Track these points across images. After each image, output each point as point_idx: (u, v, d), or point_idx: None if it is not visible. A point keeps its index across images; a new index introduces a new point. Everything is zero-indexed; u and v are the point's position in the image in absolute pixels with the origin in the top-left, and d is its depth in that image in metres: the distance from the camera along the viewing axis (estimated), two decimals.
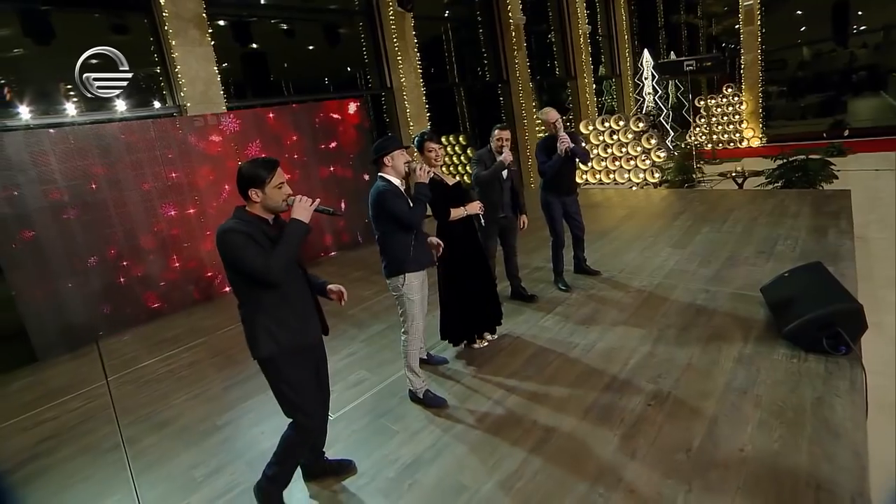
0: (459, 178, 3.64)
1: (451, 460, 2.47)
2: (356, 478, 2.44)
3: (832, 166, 7.40)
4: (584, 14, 13.34)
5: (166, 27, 5.85)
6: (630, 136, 10.41)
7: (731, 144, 14.09)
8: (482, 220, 3.47)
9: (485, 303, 3.52)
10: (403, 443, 2.66)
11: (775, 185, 7.53)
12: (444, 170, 3.46)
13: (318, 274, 2.36)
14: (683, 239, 5.46)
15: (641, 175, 10.20)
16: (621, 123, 10.62)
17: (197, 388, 3.67)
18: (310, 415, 2.15)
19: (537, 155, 4.37)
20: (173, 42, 5.87)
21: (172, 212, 5.54)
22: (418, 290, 2.88)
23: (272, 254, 1.91)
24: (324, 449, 2.46)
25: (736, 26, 14.12)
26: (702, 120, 14.34)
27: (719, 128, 14.34)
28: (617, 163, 10.62)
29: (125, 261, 5.21)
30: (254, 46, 7.86)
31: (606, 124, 10.77)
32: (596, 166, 10.90)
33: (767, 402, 2.55)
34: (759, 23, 13.43)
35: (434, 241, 3.10)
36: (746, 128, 13.88)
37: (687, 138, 13.36)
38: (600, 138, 10.81)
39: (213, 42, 6.20)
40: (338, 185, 7.03)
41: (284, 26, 8.33)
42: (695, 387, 2.77)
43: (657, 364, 3.05)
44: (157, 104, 6.27)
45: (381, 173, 2.83)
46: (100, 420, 3.42)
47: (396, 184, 2.81)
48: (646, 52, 14.11)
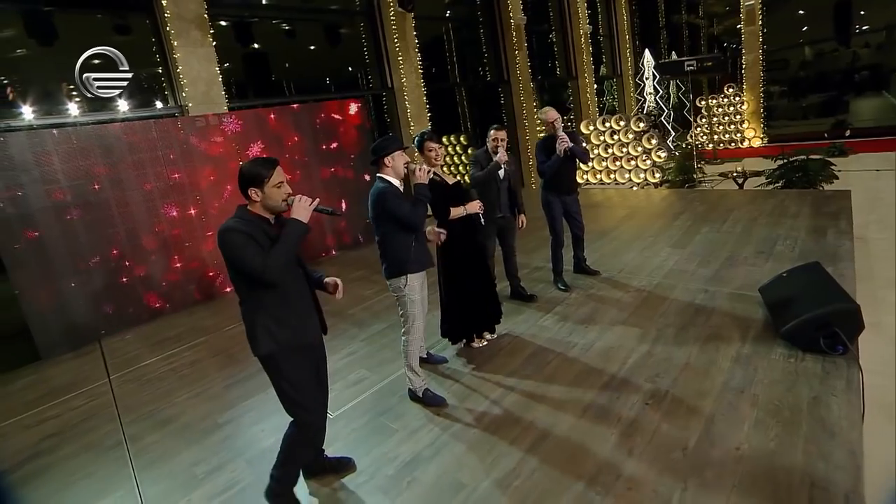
0: (460, 178, 3.65)
1: (449, 458, 2.49)
2: (355, 475, 2.46)
3: (833, 166, 7.40)
4: (586, 14, 13.34)
5: (168, 28, 5.88)
6: (631, 136, 10.41)
7: (733, 144, 14.08)
8: (482, 220, 3.49)
9: (484, 302, 3.54)
10: (402, 441, 2.68)
11: (775, 185, 7.53)
12: (444, 170, 3.48)
13: None
14: (683, 239, 5.47)
15: (642, 175, 10.20)
16: (622, 123, 10.62)
17: (198, 386, 3.70)
18: (310, 412, 2.18)
19: (537, 155, 4.39)
20: (175, 42, 5.90)
21: (174, 212, 5.57)
22: (419, 290, 2.89)
23: (270, 253, 1.93)
24: (323, 447, 2.47)
25: (737, 26, 14.10)
26: (703, 120, 14.32)
27: (720, 128, 14.32)
28: (618, 163, 10.63)
29: (127, 260, 5.25)
30: (255, 47, 7.89)
31: (607, 124, 10.78)
32: (597, 166, 10.91)
33: (764, 401, 2.57)
34: (761, 23, 13.41)
35: (435, 230, 3.09)
36: (748, 128, 13.86)
37: (688, 138, 13.35)
38: (601, 138, 10.82)
39: (214, 42, 6.23)
40: (339, 186, 7.05)
41: (285, 26, 8.36)
42: (692, 386, 2.79)
43: (655, 363, 3.07)
44: (158, 104, 6.30)
45: (381, 174, 2.82)
46: (102, 418, 3.45)
47: (396, 184, 2.80)
48: (647, 52, 14.12)
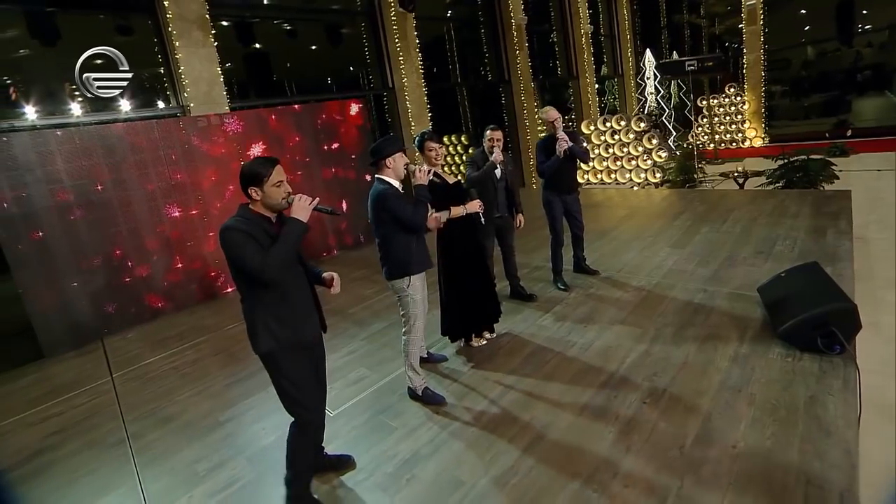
0: (461, 177, 3.66)
1: (448, 456, 2.52)
2: (355, 473, 2.49)
3: (833, 166, 7.40)
4: (587, 14, 13.34)
5: (170, 28, 5.90)
6: (631, 135, 10.42)
7: (734, 144, 14.06)
8: (482, 219, 3.51)
9: (484, 301, 3.56)
10: (402, 439, 2.70)
11: (776, 185, 7.53)
12: (444, 170, 3.49)
13: None
14: (683, 239, 5.48)
15: (643, 175, 10.20)
16: (623, 123, 10.63)
17: (200, 384, 3.73)
18: (310, 410, 2.20)
19: (537, 155, 4.41)
20: (177, 43, 5.93)
21: (176, 212, 5.60)
22: (420, 289, 2.91)
23: (270, 252, 1.94)
24: (323, 444, 2.50)
25: (739, 26, 14.10)
26: (704, 120, 14.31)
27: (721, 128, 14.30)
28: (618, 163, 10.64)
29: (130, 260, 5.28)
30: (256, 47, 7.91)
31: (608, 124, 10.79)
32: (597, 166, 10.91)
33: (761, 400, 2.59)
34: (762, 22, 13.40)
35: (435, 215, 3.06)
36: (749, 128, 13.85)
37: (689, 138, 13.34)
38: (602, 138, 10.82)
39: (216, 43, 6.25)
40: (340, 186, 7.08)
41: (287, 27, 8.39)
42: (690, 385, 2.81)
43: (653, 362, 3.09)
44: (160, 105, 6.32)
45: (380, 175, 2.81)
46: (105, 416, 3.48)
47: (396, 185, 2.80)
48: (648, 52, 14.10)
